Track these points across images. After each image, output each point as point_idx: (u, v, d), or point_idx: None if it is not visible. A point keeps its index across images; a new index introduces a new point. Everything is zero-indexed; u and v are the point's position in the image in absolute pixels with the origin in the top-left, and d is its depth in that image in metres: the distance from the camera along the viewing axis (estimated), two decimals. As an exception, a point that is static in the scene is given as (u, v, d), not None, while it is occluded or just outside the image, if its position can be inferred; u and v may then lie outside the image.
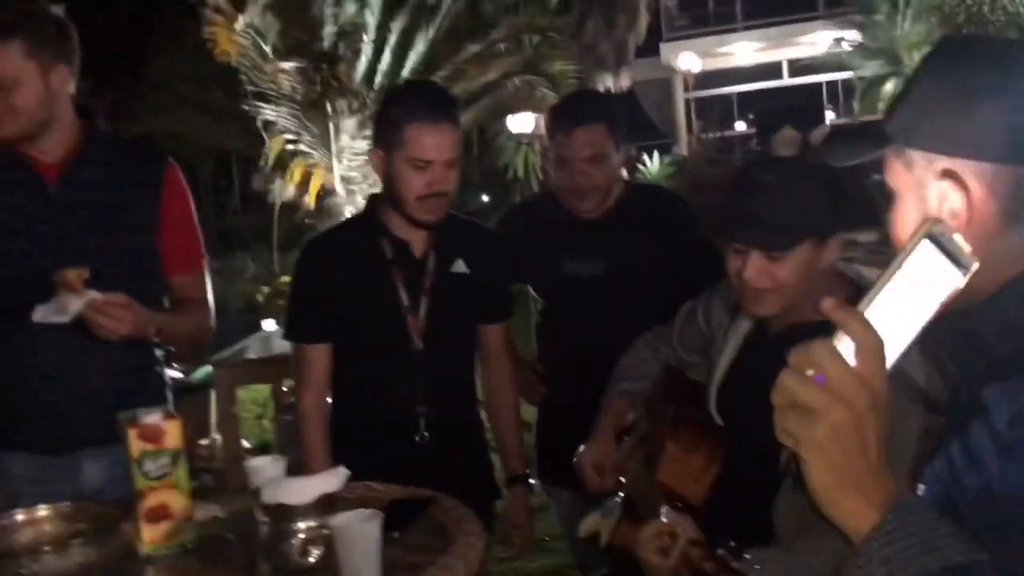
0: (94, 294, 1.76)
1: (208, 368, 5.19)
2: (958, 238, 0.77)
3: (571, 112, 2.34)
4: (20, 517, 1.52)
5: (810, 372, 0.75)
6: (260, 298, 11.39)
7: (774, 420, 0.76)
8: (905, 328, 0.77)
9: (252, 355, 4.63)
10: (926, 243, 0.76)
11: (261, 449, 4.77)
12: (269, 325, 4.88)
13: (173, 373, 5.33)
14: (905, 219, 0.96)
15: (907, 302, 0.77)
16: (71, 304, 1.73)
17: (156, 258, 2.06)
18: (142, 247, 2.04)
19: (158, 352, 2.12)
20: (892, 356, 0.76)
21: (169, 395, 2.11)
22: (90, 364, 1.92)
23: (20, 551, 1.40)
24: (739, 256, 1.60)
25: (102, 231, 1.98)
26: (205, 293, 2.17)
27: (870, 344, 0.74)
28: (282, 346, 4.52)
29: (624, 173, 2.40)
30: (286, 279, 11.18)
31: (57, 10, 1.99)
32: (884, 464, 0.76)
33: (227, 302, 11.87)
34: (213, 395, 4.83)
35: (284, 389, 4.94)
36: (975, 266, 0.77)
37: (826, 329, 0.75)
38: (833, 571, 1.37)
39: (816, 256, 1.58)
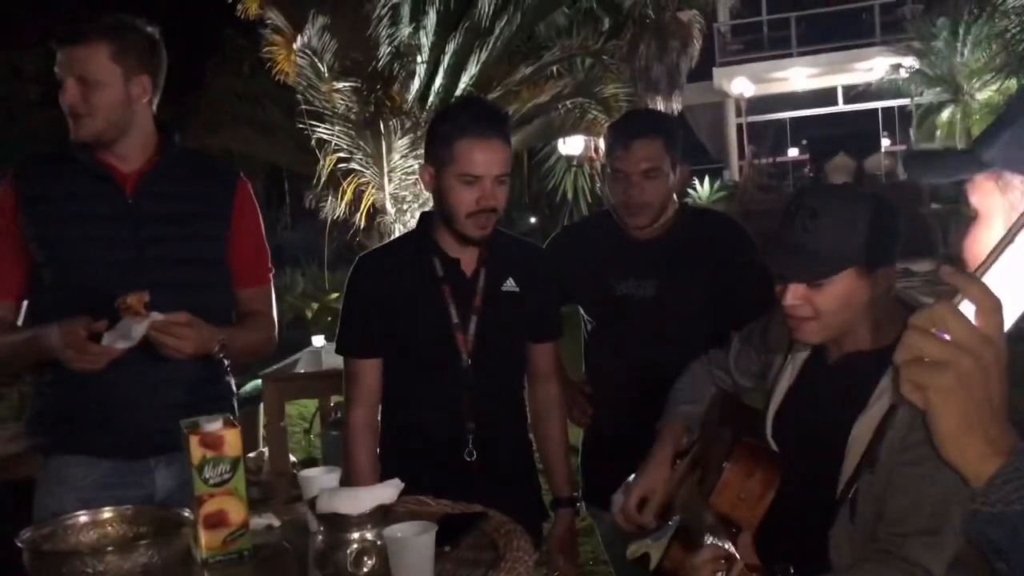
0: (156, 316, 1.80)
1: (257, 382, 5.26)
2: None
3: (630, 126, 2.36)
4: (84, 518, 1.56)
5: (933, 330, 0.79)
6: (309, 314, 11.55)
7: (899, 377, 0.80)
8: (1013, 304, 0.82)
9: (301, 370, 4.67)
10: None
11: (307, 464, 4.81)
12: (318, 341, 4.93)
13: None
14: (990, 240, 0.98)
15: (1015, 280, 0.81)
16: (135, 329, 1.78)
17: (226, 271, 2.11)
18: (213, 259, 2.09)
19: (225, 363, 2.14)
20: (1009, 320, 0.81)
21: (235, 405, 2.15)
22: (159, 373, 1.96)
23: (84, 551, 1.44)
24: (782, 282, 1.60)
25: (176, 242, 2.03)
26: (271, 307, 2.22)
27: (990, 304, 0.78)
28: (331, 362, 4.57)
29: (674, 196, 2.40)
30: (335, 295, 11.33)
31: (152, 29, 2.07)
32: (1005, 416, 0.80)
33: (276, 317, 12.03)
34: (261, 408, 4.91)
35: (331, 404, 5.01)
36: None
37: (885, 357, 0.80)
38: None
39: (861, 286, 1.57)
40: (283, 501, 3.78)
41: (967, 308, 0.79)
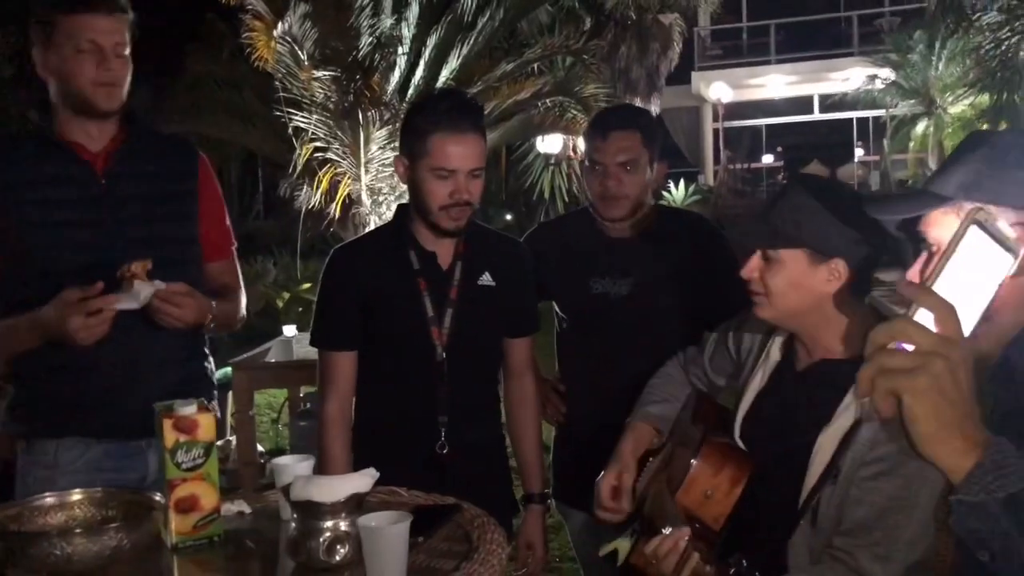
0: (160, 284, 1.80)
1: (226, 370, 5.21)
2: (1003, 224, 0.87)
3: (609, 118, 2.38)
4: (51, 500, 1.54)
5: (892, 345, 0.83)
6: (280, 303, 11.47)
7: (865, 391, 0.84)
8: (969, 306, 0.86)
9: (272, 359, 4.63)
10: (974, 228, 0.85)
11: (275, 454, 4.78)
12: (289, 330, 4.89)
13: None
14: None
15: (965, 282, 0.86)
16: (142, 290, 1.77)
17: (197, 247, 2.10)
18: (189, 237, 2.08)
19: (205, 347, 2.15)
20: (969, 322, 0.85)
21: (214, 389, 2.14)
22: (148, 355, 1.95)
23: (52, 532, 1.42)
24: (740, 251, 1.69)
25: (153, 222, 2.00)
26: (239, 280, 2.22)
27: (945, 309, 0.83)
28: (301, 352, 4.54)
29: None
30: (307, 285, 11.26)
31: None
32: (976, 412, 0.85)
33: (247, 305, 11.95)
34: (230, 396, 4.87)
35: (301, 395, 4.98)
36: (1023, 251, 0.87)
37: (854, 367, 0.85)
38: None
39: (812, 273, 1.60)
40: (250, 490, 3.76)
41: (924, 317, 0.83)
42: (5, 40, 12.78)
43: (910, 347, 0.82)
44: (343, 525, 1.41)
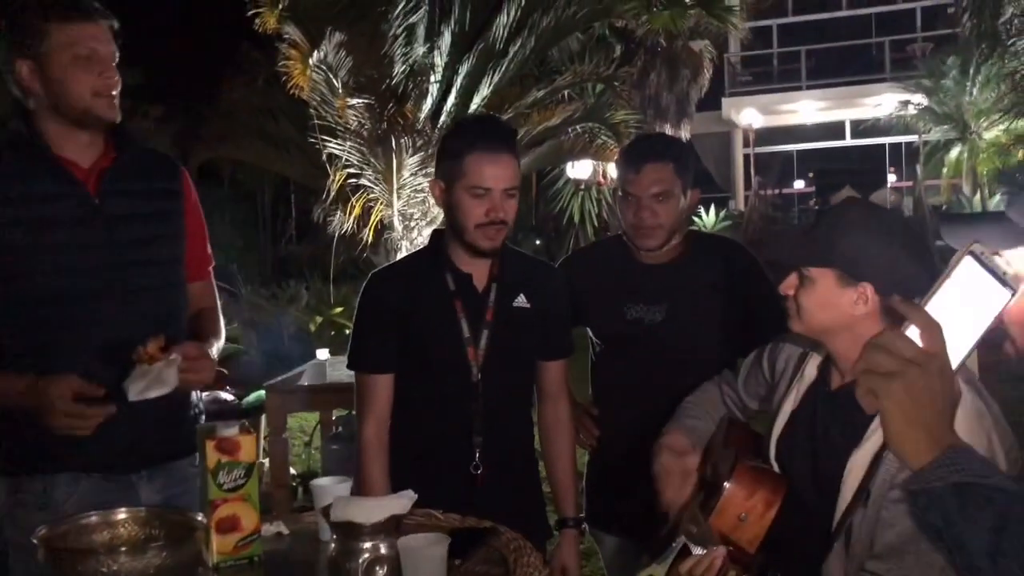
0: (177, 358, 1.73)
1: (260, 393, 5.26)
2: (1000, 259, 0.94)
3: (641, 150, 2.38)
4: (96, 519, 1.56)
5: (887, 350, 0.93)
6: (312, 327, 11.55)
7: (857, 385, 0.96)
8: (963, 334, 0.94)
9: (305, 383, 4.68)
10: (968, 259, 0.93)
11: (307, 477, 4.81)
12: (323, 354, 4.94)
13: (225, 396, 5.45)
14: None
15: (960, 311, 0.94)
16: (166, 375, 1.70)
17: (182, 267, 2.04)
18: (178, 257, 2.03)
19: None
20: (956, 358, 0.94)
21: (202, 416, 2.09)
22: None
23: (99, 550, 1.45)
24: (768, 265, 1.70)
25: (141, 243, 1.94)
26: (217, 301, 2.16)
27: (931, 326, 0.93)
28: (334, 375, 4.59)
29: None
30: (339, 309, 11.35)
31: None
32: (950, 422, 0.95)
33: (280, 329, 12.06)
34: (263, 419, 4.91)
35: (333, 418, 5.01)
36: (1023, 288, 0.96)
37: None
38: None
39: (843, 294, 1.60)
40: (285, 512, 3.78)
41: (912, 332, 0.93)
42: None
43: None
44: (382, 546, 1.43)
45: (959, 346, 0.94)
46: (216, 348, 2.01)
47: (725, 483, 1.65)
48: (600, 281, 2.44)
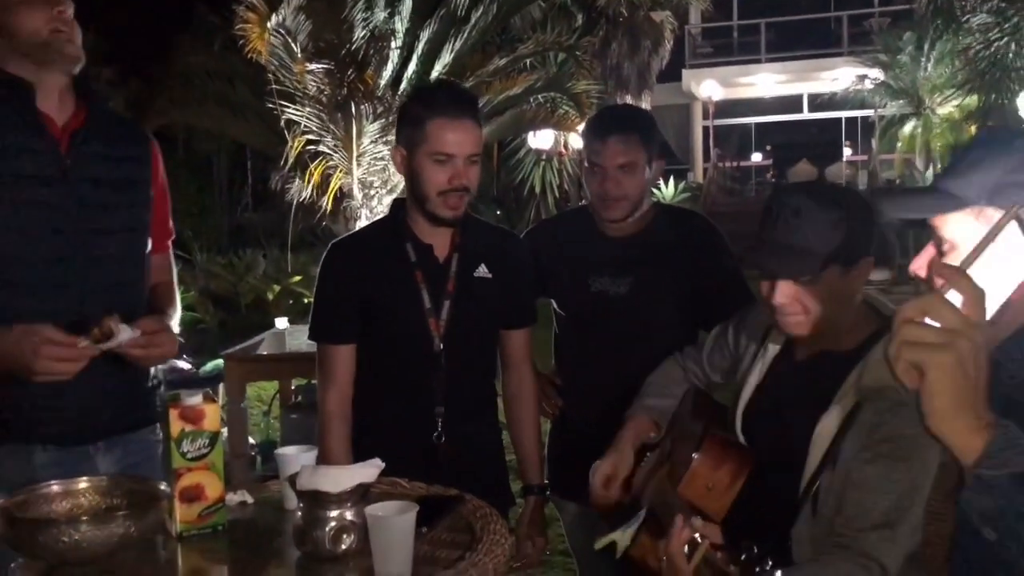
0: (136, 332, 1.68)
1: (218, 362, 5.20)
2: None
3: (607, 121, 2.37)
4: (56, 488, 1.54)
5: (927, 320, 0.86)
6: (270, 296, 11.45)
7: (892, 362, 0.87)
8: (996, 291, 0.96)
9: (264, 352, 4.63)
10: (1013, 224, 0.94)
11: (265, 446, 4.78)
12: (281, 323, 4.88)
13: (182, 364, 5.39)
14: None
15: (997, 270, 0.96)
16: (121, 332, 1.66)
17: (146, 238, 1.99)
18: (143, 226, 1.97)
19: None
20: (989, 311, 0.90)
21: (162, 387, 2.05)
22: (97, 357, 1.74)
23: (60, 519, 1.43)
24: (769, 281, 1.64)
25: (113, 210, 1.89)
26: (174, 276, 2.13)
27: (976, 294, 0.87)
28: (294, 344, 4.54)
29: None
30: (297, 278, 11.25)
31: None
32: (986, 394, 0.88)
33: (237, 298, 11.93)
34: (221, 388, 4.87)
35: (292, 387, 4.98)
36: None
37: (852, 358, 0.88)
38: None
39: (845, 280, 1.61)
40: (244, 482, 3.75)
41: (954, 298, 0.87)
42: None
43: (936, 324, 0.85)
44: (349, 515, 1.43)
45: (992, 301, 0.92)
46: (175, 321, 1.97)
47: (693, 454, 1.66)
48: (565, 252, 2.44)
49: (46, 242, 1.78)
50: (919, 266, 1.25)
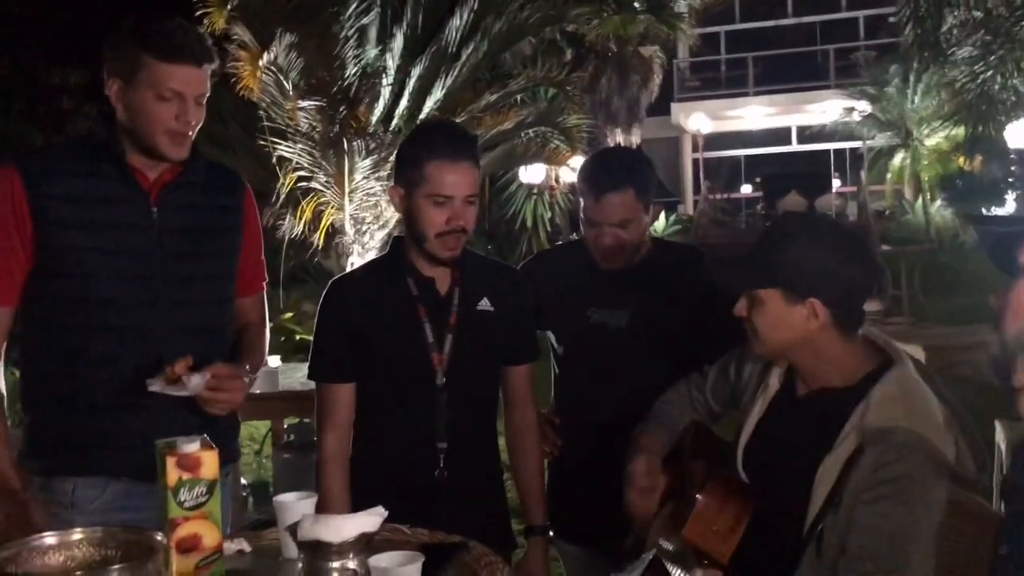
0: (207, 376, 1.77)
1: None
2: None
3: (600, 178, 2.29)
4: (50, 540, 1.49)
5: None
6: (262, 333, 11.36)
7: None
8: None
9: (256, 390, 4.58)
10: None
11: (257, 487, 4.71)
12: (274, 361, 4.84)
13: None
14: None
15: None
16: (192, 381, 1.74)
17: (233, 283, 2.08)
18: (228, 273, 2.06)
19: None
20: None
21: (238, 430, 2.13)
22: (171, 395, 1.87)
23: (54, 573, 1.39)
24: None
25: (196, 258, 1.98)
26: (265, 315, 2.20)
27: None
28: (286, 383, 4.49)
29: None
30: (289, 315, 11.19)
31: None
32: None
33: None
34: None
35: (284, 426, 4.93)
36: None
37: (852, 397, 0.86)
38: None
39: (793, 312, 1.63)
40: (238, 526, 3.70)
41: None
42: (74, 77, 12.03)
43: None
44: (351, 565, 1.39)
45: None
46: (253, 365, 2.03)
47: (697, 495, 1.64)
48: (563, 284, 2.42)
49: (129, 287, 1.89)
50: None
